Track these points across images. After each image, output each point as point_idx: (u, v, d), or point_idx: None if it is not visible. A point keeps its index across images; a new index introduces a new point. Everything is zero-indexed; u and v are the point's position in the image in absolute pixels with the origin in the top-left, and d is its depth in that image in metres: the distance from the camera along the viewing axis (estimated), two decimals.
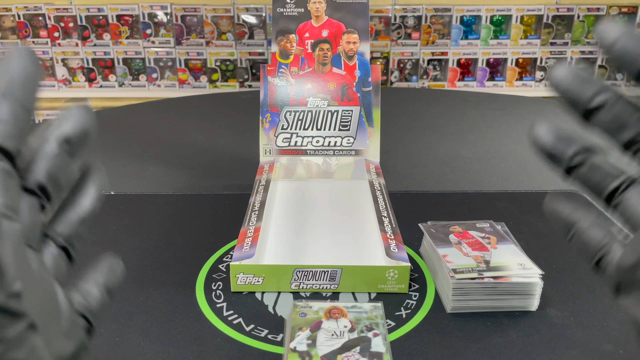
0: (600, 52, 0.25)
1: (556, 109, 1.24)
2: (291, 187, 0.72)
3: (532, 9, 2.39)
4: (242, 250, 0.55)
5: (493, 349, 0.46)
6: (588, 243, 0.27)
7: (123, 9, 2.38)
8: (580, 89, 0.25)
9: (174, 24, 2.40)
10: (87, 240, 0.62)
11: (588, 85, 0.25)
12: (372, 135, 0.80)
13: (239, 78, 2.49)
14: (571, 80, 0.26)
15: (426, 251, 0.59)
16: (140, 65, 2.48)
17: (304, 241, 0.58)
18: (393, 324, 0.49)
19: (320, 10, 0.78)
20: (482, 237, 0.56)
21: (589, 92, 0.25)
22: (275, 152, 0.80)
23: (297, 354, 0.42)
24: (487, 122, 1.13)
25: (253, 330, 0.48)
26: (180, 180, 0.82)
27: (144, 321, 0.49)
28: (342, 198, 0.69)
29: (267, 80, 0.79)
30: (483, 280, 0.49)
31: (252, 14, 2.40)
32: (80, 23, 2.40)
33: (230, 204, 0.73)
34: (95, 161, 0.25)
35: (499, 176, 0.84)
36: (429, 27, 2.41)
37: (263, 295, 0.53)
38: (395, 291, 0.53)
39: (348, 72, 0.79)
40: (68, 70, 2.48)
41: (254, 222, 0.60)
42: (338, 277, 0.53)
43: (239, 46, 2.43)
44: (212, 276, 0.57)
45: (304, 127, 0.79)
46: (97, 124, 0.23)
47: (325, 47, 0.79)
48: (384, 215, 0.62)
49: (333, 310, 0.47)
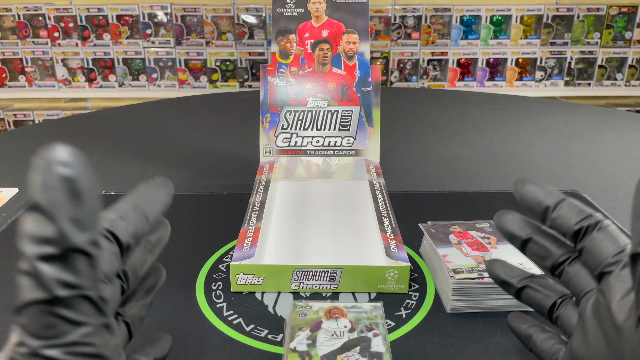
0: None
1: (556, 109, 1.24)
2: (291, 187, 0.72)
3: (532, 9, 2.39)
4: (242, 250, 0.55)
5: (493, 349, 0.46)
6: (542, 351, 0.34)
7: (123, 9, 2.38)
8: (515, 229, 0.35)
9: (174, 24, 2.40)
10: None
11: (522, 225, 0.35)
12: (372, 135, 0.80)
13: (239, 78, 2.49)
14: (511, 222, 0.35)
15: (426, 251, 0.59)
16: (140, 66, 2.48)
17: (304, 241, 0.58)
18: (393, 324, 0.49)
19: (320, 10, 0.78)
20: (482, 237, 0.56)
21: (522, 231, 0.34)
22: (275, 152, 0.80)
23: (297, 354, 0.42)
24: (487, 122, 1.13)
25: (253, 330, 0.48)
26: (180, 180, 0.82)
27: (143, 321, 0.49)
28: (342, 198, 0.69)
29: (267, 80, 0.79)
30: (483, 280, 0.49)
31: (252, 14, 2.40)
32: (80, 23, 2.40)
33: (230, 204, 0.73)
34: (159, 265, 0.32)
35: (499, 176, 0.84)
36: (429, 27, 2.41)
37: (263, 295, 0.53)
38: (395, 291, 0.53)
39: (348, 72, 0.79)
40: (68, 71, 2.48)
41: (254, 222, 0.60)
42: (338, 277, 0.53)
43: (239, 46, 2.43)
44: (212, 276, 0.57)
45: (304, 127, 0.79)
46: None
47: (325, 47, 0.79)
48: (384, 215, 0.62)
49: (333, 311, 0.47)
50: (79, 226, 0.19)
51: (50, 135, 1.05)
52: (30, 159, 0.21)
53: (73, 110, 2.57)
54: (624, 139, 1.02)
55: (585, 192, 0.77)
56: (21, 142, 1.02)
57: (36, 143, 1.01)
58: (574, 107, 1.26)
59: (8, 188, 0.79)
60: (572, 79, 2.51)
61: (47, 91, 2.50)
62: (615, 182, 0.82)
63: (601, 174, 0.85)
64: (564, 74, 2.49)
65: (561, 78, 2.50)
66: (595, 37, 2.44)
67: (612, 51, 2.46)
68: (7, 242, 0.63)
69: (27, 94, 2.50)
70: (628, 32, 2.44)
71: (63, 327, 0.18)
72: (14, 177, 0.84)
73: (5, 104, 2.61)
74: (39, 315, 0.18)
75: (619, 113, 1.22)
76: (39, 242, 0.18)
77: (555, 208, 0.32)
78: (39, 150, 0.18)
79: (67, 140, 1.02)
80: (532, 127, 1.10)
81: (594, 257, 0.30)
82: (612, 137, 1.04)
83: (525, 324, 0.37)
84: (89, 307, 0.19)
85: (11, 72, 2.49)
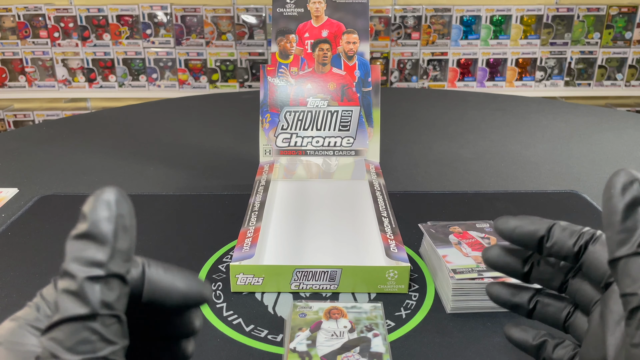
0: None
1: (556, 109, 1.24)
2: (291, 187, 0.72)
3: (532, 9, 2.39)
4: (242, 250, 0.55)
5: (493, 349, 0.46)
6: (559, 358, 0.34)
7: (123, 9, 2.38)
8: (512, 264, 0.34)
9: (174, 24, 2.40)
10: None
11: (516, 258, 0.34)
12: (372, 136, 0.80)
13: (239, 78, 2.49)
14: (503, 259, 0.34)
15: (426, 251, 0.59)
16: (140, 66, 2.48)
17: (304, 241, 0.58)
18: (393, 324, 0.49)
19: (320, 10, 0.78)
20: (482, 237, 0.56)
21: (519, 265, 0.34)
22: (275, 153, 0.80)
23: (296, 354, 0.42)
24: (487, 122, 1.13)
25: (253, 331, 0.48)
26: (180, 180, 0.82)
27: None
28: (342, 198, 0.69)
29: (267, 80, 0.79)
30: (483, 280, 0.49)
31: (252, 14, 2.40)
32: (80, 23, 2.40)
33: (230, 204, 0.73)
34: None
35: (499, 176, 0.84)
36: (429, 27, 2.41)
37: (263, 296, 0.53)
38: (395, 291, 0.53)
39: (348, 72, 0.79)
40: (68, 71, 2.48)
41: (253, 222, 0.60)
42: (338, 277, 0.53)
43: (239, 46, 2.43)
44: (212, 276, 0.57)
45: (304, 128, 0.79)
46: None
47: (325, 47, 0.79)
48: (384, 216, 0.62)
49: (333, 311, 0.47)
50: (123, 256, 0.22)
51: (50, 136, 1.05)
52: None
53: (73, 111, 2.57)
54: (624, 139, 1.02)
55: (585, 192, 0.77)
56: (21, 142, 1.02)
57: (36, 143, 1.00)
58: (573, 107, 1.26)
59: (8, 188, 0.79)
60: (572, 79, 2.51)
61: (47, 91, 2.50)
62: None
63: (601, 174, 0.85)
64: (564, 74, 2.49)
65: (561, 78, 2.50)
66: (595, 37, 2.44)
67: (612, 51, 2.46)
68: (7, 242, 0.63)
69: (27, 94, 2.50)
70: (628, 32, 2.44)
71: (98, 344, 0.21)
72: (14, 177, 0.84)
73: (5, 104, 2.61)
74: (78, 330, 0.21)
75: (619, 113, 1.22)
76: (89, 265, 0.21)
77: (548, 237, 0.31)
78: (97, 190, 0.22)
79: (67, 140, 1.02)
80: (532, 127, 1.10)
81: (596, 270, 0.30)
82: (612, 137, 1.04)
83: (528, 333, 0.36)
84: (119, 328, 0.22)
85: (11, 72, 2.49)
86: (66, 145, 0.99)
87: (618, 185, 0.25)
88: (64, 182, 0.82)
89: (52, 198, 0.75)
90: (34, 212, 0.71)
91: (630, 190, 0.25)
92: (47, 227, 0.67)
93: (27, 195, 0.77)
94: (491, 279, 0.49)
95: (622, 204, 0.25)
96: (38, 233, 0.65)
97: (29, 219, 0.69)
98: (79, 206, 0.26)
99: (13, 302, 0.52)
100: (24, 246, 0.62)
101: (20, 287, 0.54)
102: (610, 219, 0.26)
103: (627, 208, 0.25)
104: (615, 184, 0.26)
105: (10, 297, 0.53)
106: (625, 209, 0.25)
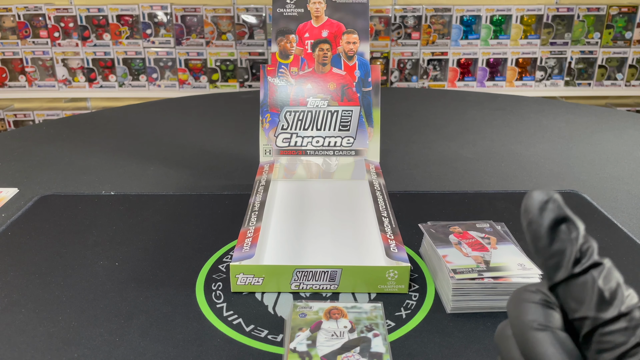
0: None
1: (556, 109, 1.24)
2: (291, 187, 0.72)
3: (532, 9, 2.39)
4: (242, 250, 0.55)
5: (493, 349, 0.46)
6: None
7: (123, 9, 2.38)
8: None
9: (174, 24, 2.40)
10: (86, 240, 0.62)
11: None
12: (372, 136, 0.80)
13: (239, 78, 2.49)
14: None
15: (426, 251, 0.59)
16: (140, 66, 2.48)
17: (304, 241, 0.58)
18: (393, 324, 0.49)
19: (320, 10, 0.78)
20: (482, 237, 0.56)
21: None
22: (275, 152, 0.80)
23: (297, 354, 0.42)
24: (487, 122, 1.13)
25: (253, 331, 0.48)
26: (180, 180, 0.82)
27: (143, 321, 0.49)
28: (342, 198, 0.69)
29: (267, 80, 0.79)
30: (483, 280, 0.49)
31: (252, 14, 2.40)
32: (80, 23, 2.40)
33: (230, 204, 0.73)
34: None
35: (499, 176, 0.84)
36: (429, 27, 2.41)
37: (263, 296, 0.53)
38: (395, 291, 0.53)
39: (348, 72, 0.79)
40: (68, 71, 2.48)
41: (253, 222, 0.60)
42: (338, 277, 0.53)
43: (239, 46, 2.43)
44: (212, 276, 0.57)
45: (304, 127, 0.79)
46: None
47: (325, 47, 0.79)
48: (384, 216, 0.62)
49: (333, 311, 0.47)
50: None
51: (50, 135, 1.05)
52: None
53: (73, 110, 2.56)
54: (624, 139, 1.02)
55: (585, 192, 0.77)
56: (21, 142, 1.02)
57: (36, 143, 1.00)
58: (574, 107, 1.26)
59: (8, 188, 0.79)
60: (572, 79, 2.51)
61: (47, 91, 2.50)
62: (615, 182, 0.82)
63: (601, 174, 0.85)
64: (564, 74, 2.49)
65: (561, 78, 2.50)
66: (595, 37, 2.44)
67: (612, 51, 2.46)
68: (7, 242, 0.63)
69: (27, 94, 2.50)
70: (628, 32, 2.44)
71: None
72: (14, 177, 0.84)
73: (5, 104, 2.61)
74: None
75: (619, 113, 1.22)
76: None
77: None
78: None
79: (67, 140, 1.02)
80: (532, 127, 1.10)
81: None
82: (612, 137, 1.04)
83: None
84: None
85: (11, 72, 2.49)
86: (66, 145, 0.99)
87: (534, 208, 0.24)
88: (64, 182, 0.82)
89: (52, 198, 0.75)
90: (34, 212, 0.71)
91: (548, 211, 0.24)
92: (47, 227, 0.67)
93: (27, 195, 0.77)
94: (491, 280, 0.49)
95: (544, 228, 0.24)
96: (38, 233, 0.65)
97: (29, 219, 0.69)
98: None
99: (13, 302, 0.52)
100: (24, 246, 0.62)
101: (20, 287, 0.54)
102: (536, 245, 0.24)
103: (549, 231, 0.24)
104: (530, 207, 0.24)
105: (10, 297, 0.53)
106: (548, 232, 0.24)
